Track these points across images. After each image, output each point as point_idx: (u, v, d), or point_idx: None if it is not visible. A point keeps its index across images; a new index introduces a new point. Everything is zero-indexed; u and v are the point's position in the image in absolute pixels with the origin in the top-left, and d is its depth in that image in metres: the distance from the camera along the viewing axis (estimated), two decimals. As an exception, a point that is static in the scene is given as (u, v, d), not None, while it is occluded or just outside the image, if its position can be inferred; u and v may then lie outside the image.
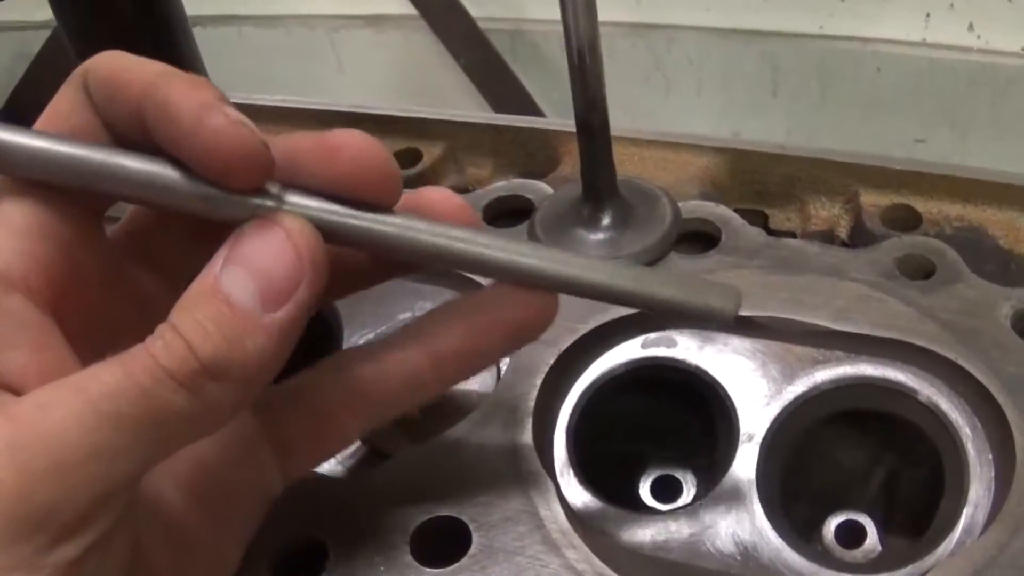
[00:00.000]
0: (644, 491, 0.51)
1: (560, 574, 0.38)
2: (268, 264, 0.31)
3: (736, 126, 1.36)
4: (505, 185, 0.57)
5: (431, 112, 0.66)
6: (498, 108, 1.37)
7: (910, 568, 0.41)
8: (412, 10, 1.46)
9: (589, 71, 0.47)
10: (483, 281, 0.40)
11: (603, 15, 0.46)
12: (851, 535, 0.49)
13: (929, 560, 0.41)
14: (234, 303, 0.30)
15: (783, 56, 1.33)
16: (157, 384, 0.29)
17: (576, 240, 0.51)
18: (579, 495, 0.45)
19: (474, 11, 1.42)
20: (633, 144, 0.59)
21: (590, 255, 0.44)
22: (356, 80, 1.59)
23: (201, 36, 1.78)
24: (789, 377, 0.46)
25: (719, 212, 0.52)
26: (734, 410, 0.45)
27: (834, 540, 0.49)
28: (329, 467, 0.48)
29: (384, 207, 0.33)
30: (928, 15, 1.28)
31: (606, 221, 0.51)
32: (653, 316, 0.47)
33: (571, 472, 0.45)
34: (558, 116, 1.45)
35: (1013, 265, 0.54)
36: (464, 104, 1.45)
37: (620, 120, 0.51)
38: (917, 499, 0.49)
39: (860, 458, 0.51)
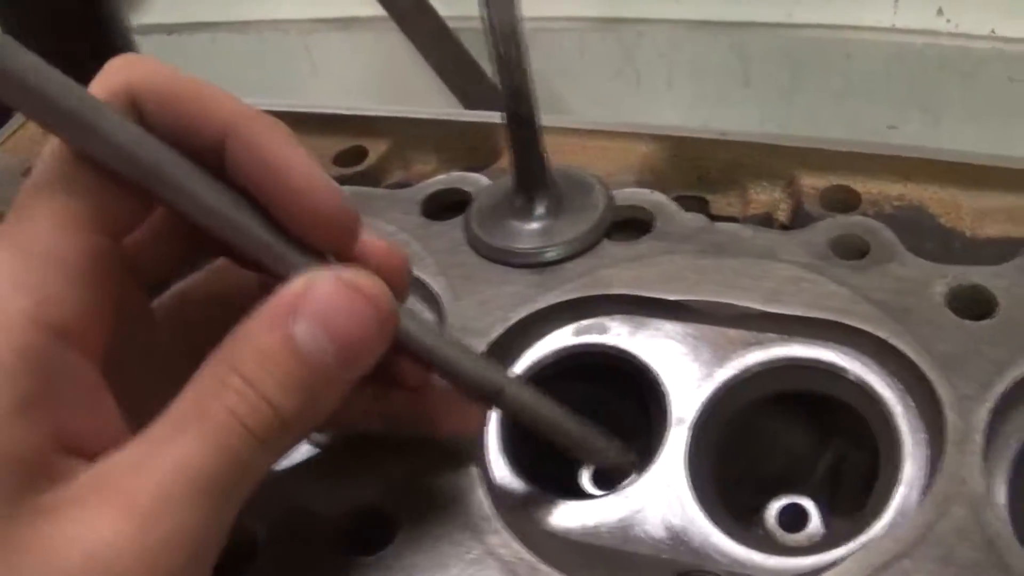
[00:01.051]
0: (586, 479, 0.51)
1: (482, 560, 0.38)
2: (351, 329, 0.31)
3: (708, 117, 1.35)
4: (444, 179, 0.57)
5: (375, 109, 0.66)
6: (470, 106, 1.37)
7: (841, 550, 0.41)
8: (382, 12, 1.46)
9: (512, 62, 0.47)
10: None
11: (572, 11, 0.47)
12: (793, 518, 0.48)
13: (861, 541, 0.41)
14: (315, 364, 0.30)
15: (753, 46, 1.33)
16: (244, 448, 0.29)
17: (510, 231, 0.51)
18: (511, 483, 0.44)
19: (443, 11, 1.42)
20: (574, 134, 0.59)
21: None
22: (330, 82, 1.59)
23: (176, 43, 1.79)
24: (720, 360, 0.46)
25: (653, 199, 0.52)
26: (665, 394, 0.45)
27: (776, 524, 0.48)
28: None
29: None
30: (897, 0, 1.28)
31: (539, 211, 0.51)
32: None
33: (504, 461, 0.45)
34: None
35: (955, 243, 0.53)
36: (437, 103, 1.44)
37: (591, 115, 0.52)
38: (858, 481, 0.49)
39: (799, 441, 0.51)
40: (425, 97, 1.47)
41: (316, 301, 0.30)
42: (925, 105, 1.32)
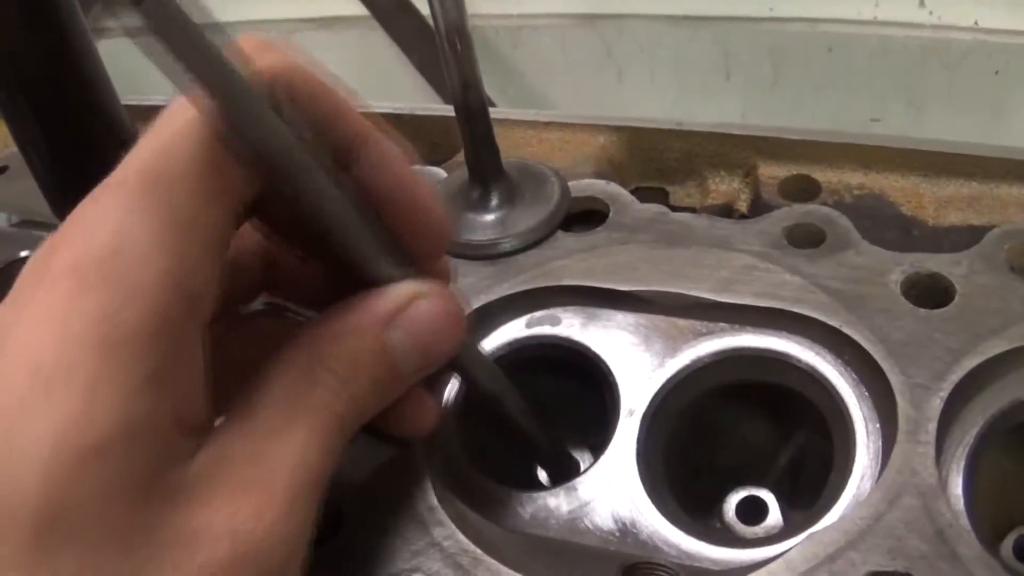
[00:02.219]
0: (540, 470, 0.50)
1: (426, 551, 0.38)
2: (438, 346, 0.34)
3: (690, 111, 1.35)
4: (401, 172, 0.56)
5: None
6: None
7: (790, 542, 0.40)
8: (365, 11, 1.45)
9: (460, 55, 0.47)
10: None
11: (554, 7, 0.46)
12: (752, 511, 0.48)
13: (810, 532, 0.40)
14: (400, 372, 0.33)
15: (734, 40, 1.32)
16: (338, 442, 0.32)
17: (465, 223, 0.50)
18: (460, 475, 0.44)
19: (425, 9, 1.42)
20: (532, 127, 0.59)
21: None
22: (313, 82, 1.59)
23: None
24: (672, 351, 0.45)
25: (609, 189, 0.51)
26: (615, 385, 0.44)
27: (735, 516, 0.48)
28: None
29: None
30: (878, -8, 1.27)
31: (494, 202, 0.51)
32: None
33: (459, 454, 0.44)
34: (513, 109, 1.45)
35: (915, 231, 0.53)
36: (420, 100, 1.44)
37: (574, 110, 0.52)
38: (820, 472, 0.49)
39: (759, 432, 0.51)
40: (409, 94, 1.46)
41: (417, 318, 0.33)
42: (909, 98, 1.32)
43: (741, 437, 0.51)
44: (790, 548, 0.38)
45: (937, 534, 0.37)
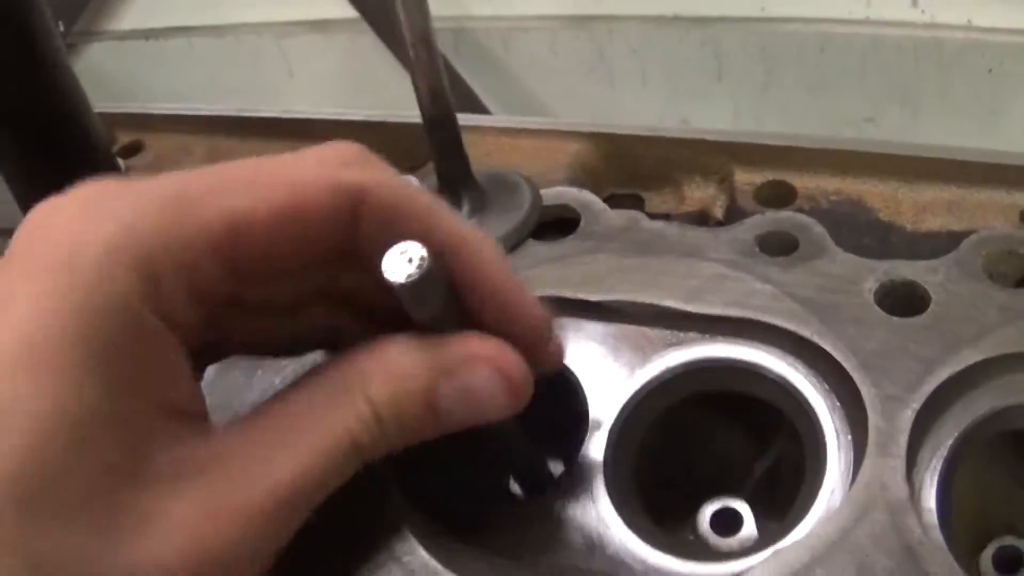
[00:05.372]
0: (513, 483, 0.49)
1: (386, 565, 0.38)
2: (484, 408, 0.33)
3: (682, 113, 1.34)
4: (373, 180, 0.56)
5: (312, 113, 0.65)
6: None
7: (758, 557, 0.39)
8: (355, 14, 1.45)
9: (427, 64, 0.46)
10: None
11: (543, 9, 0.46)
12: (727, 522, 0.47)
13: (778, 548, 0.39)
14: (443, 423, 0.33)
15: (726, 41, 1.32)
16: (348, 463, 0.32)
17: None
18: (427, 488, 0.43)
19: (415, 10, 1.41)
20: (505, 134, 0.58)
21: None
22: (306, 84, 1.59)
23: (154, 48, 1.78)
24: (641, 361, 0.45)
25: (581, 197, 0.51)
26: (584, 397, 0.44)
27: (709, 528, 0.47)
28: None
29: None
30: (870, -8, 1.27)
31: (464, 211, 0.50)
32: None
33: (427, 467, 0.44)
34: (505, 112, 1.44)
35: (893, 237, 0.52)
36: (411, 104, 1.44)
37: (565, 115, 0.51)
38: (793, 482, 0.48)
39: (732, 443, 0.50)
40: (399, 97, 1.46)
41: (471, 378, 0.33)
42: (903, 98, 1.31)
43: (715, 448, 0.50)
44: (754, 566, 0.37)
45: (906, 550, 0.36)
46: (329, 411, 0.31)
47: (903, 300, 0.45)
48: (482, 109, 1.38)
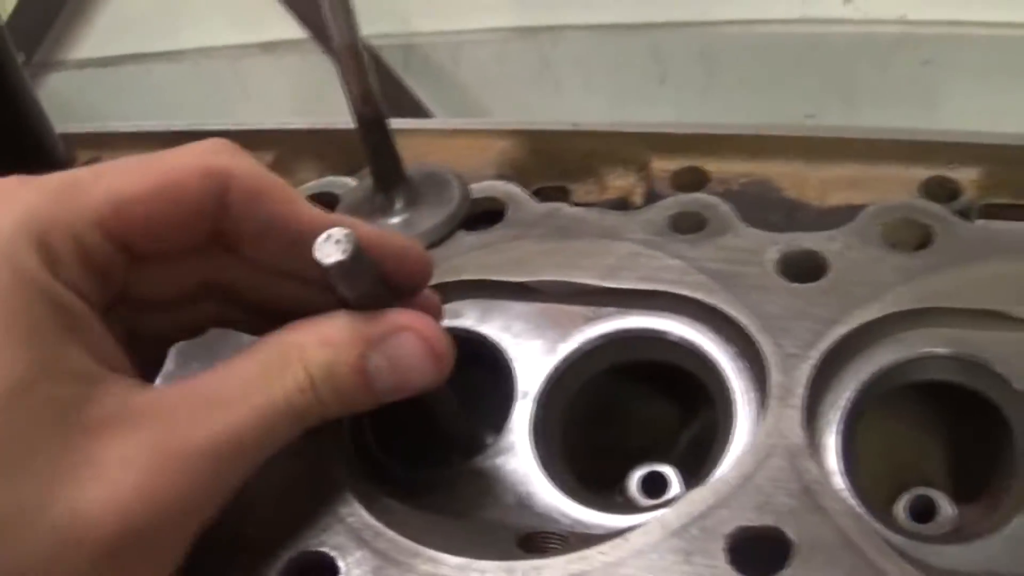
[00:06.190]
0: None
1: (331, 526, 0.40)
2: (413, 377, 0.37)
3: (626, 117, 1.38)
4: (313, 184, 0.59)
5: (260, 124, 0.68)
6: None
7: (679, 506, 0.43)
8: (304, 34, 1.48)
9: (356, 69, 0.49)
10: None
11: (489, 22, 0.49)
12: (654, 485, 0.50)
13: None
14: (371, 389, 0.36)
15: (668, 46, 1.35)
16: (285, 427, 0.35)
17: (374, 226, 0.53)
18: (368, 453, 0.46)
19: (365, 29, 1.44)
20: (439, 135, 0.61)
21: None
22: (261, 104, 1.61)
23: (112, 76, 1.79)
24: (562, 336, 0.48)
25: (507, 189, 0.54)
26: (512, 370, 0.47)
27: (638, 491, 0.50)
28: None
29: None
30: (803, -9, 1.31)
31: (397, 206, 0.53)
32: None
33: (368, 435, 0.47)
34: (457, 123, 1.47)
35: (799, 213, 0.56)
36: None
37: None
38: (708, 444, 0.51)
39: (658, 411, 0.53)
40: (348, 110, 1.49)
41: (398, 347, 0.36)
42: (842, 93, 1.35)
43: (642, 417, 0.54)
44: (665, 511, 0.40)
45: (804, 490, 0.40)
46: (267, 376, 0.34)
47: (803, 268, 0.48)
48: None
